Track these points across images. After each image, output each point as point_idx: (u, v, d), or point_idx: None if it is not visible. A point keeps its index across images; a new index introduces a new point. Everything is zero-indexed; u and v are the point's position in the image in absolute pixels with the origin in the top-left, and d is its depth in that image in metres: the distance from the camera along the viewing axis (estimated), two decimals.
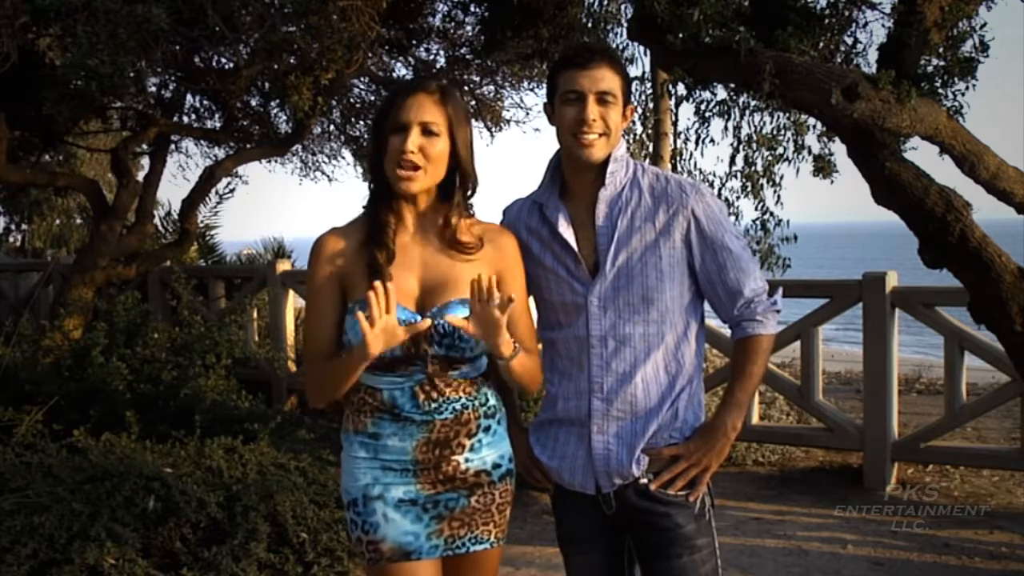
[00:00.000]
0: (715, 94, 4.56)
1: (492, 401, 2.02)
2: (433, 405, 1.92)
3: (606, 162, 1.99)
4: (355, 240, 1.96)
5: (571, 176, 2.05)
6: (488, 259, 1.98)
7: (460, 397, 1.94)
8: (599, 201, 2.00)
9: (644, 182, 2.02)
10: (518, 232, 2.08)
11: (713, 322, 2.23)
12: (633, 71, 5.60)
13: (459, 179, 1.97)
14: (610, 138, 1.97)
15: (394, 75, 7.23)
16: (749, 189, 5.34)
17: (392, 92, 1.98)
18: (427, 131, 1.90)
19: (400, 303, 1.88)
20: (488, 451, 1.99)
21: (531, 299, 2.16)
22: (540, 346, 2.13)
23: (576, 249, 2.00)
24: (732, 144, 5.23)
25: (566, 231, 2.01)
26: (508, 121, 7.69)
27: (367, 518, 1.95)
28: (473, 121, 2.26)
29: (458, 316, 1.87)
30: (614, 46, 5.18)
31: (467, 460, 1.96)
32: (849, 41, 4.03)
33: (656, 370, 1.99)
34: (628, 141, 6.30)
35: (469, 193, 2.00)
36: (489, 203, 2.07)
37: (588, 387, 2.00)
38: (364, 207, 2.01)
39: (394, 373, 1.91)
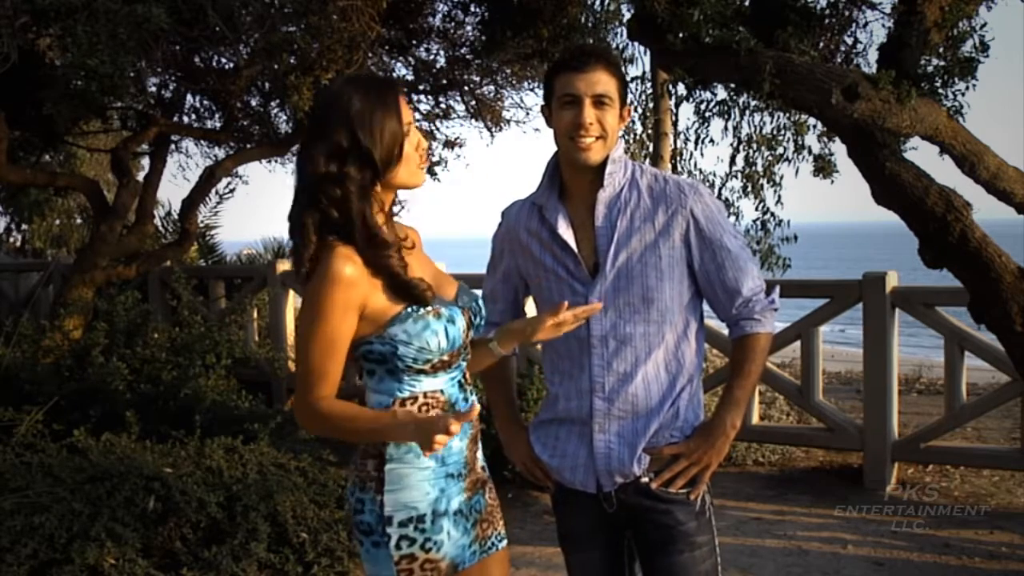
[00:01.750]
0: (715, 94, 4.56)
1: None
2: (472, 395, 1.92)
3: (605, 163, 1.99)
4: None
5: (569, 177, 2.05)
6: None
7: (470, 384, 1.96)
8: (598, 202, 2.00)
9: (643, 183, 2.02)
10: (518, 233, 2.09)
11: (713, 322, 2.23)
12: (633, 71, 5.61)
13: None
14: (607, 141, 1.97)
15: (394, 75, 7.23)
16: (749, 189, 5.33)
17: (377, 93, 1.80)
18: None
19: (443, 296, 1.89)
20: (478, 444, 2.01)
21: (532, 299, 2.17)
22: (540, 346, 2.14)
23: (576, 250, 2.01)
24: (732, 144, 5.23)
25: (565, 232, 2.01)
26: (508, 121, 7.70)
27: (432, 535, 1.84)
28: (473, 121, 2.25)
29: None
30: (614, 46, 5.18)
31: (480, 456, 1.97)
32: (849, 41, 4.04)
33: (657, 369, 2.00)
34: (628, 141, 6.29)
35: None
36: (489, 203, 2.08)
37: (589, 387, 2.01)
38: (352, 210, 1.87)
39: (451, 368, 1.87)
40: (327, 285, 1.74)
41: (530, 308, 2.20)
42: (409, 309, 1.80)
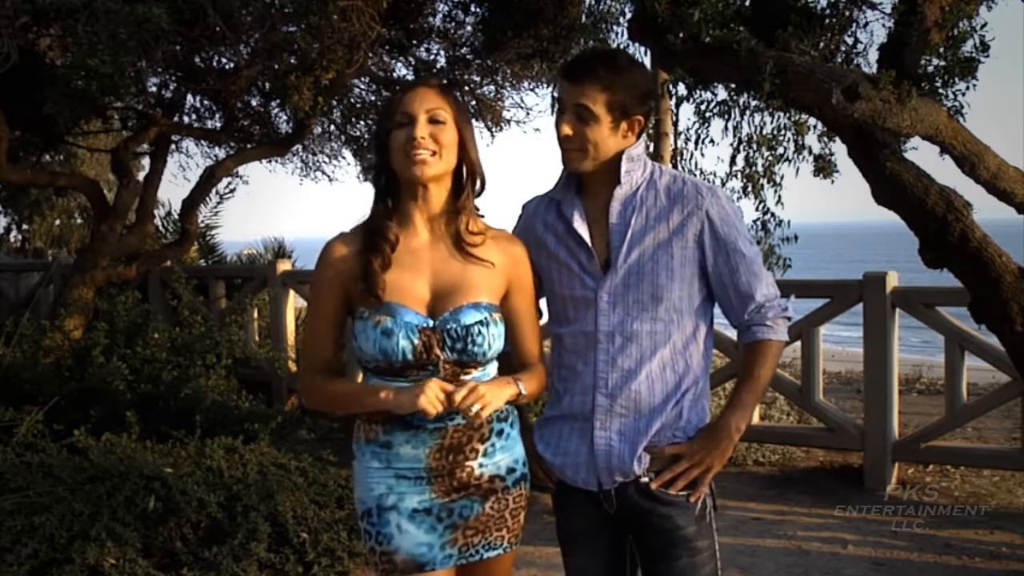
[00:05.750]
0: (715, 94, 4.57)
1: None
2: (453, 418, 1.89)
3: (621, 161, 2.00)
4: (359, 245, 1.92)
5: (587, 174, 2.05)
6: (500, 266, 1.96)
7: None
8: (614, 199, 2.01)
9: (661, 182, 2.03)
10: (535, 226, 2.10)
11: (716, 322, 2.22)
12: None
13: (467, 174, 1.93)
14: (590, 153, 1.97)
15: (394, 75, 7.22)
16: (749, 189, 5.34)
17: (392, 92, 1.99)
18: (434, 119, 1.87)
19: (411, 307, 1.87)
20: (502, 455, 1.97)
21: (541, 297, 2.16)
22: (548, 344, 2.13)
23: (590, 244, 2.01)
24: (732, 144, 5.23)
25: (581, 227, 2.02)
26: (508, 121, 7.68)
27: (381, 529, 1.91)
28: (473, 121, 2.23)
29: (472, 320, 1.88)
30: (614, 46, 5.18)
31: (481, 465, 1.93)
32: (849, 41, 4.03)
33: (662, 368, 1.99)
34: None
35: (478, 191, 1.97)
36: (489, 203, 2.07)
37: (593, 382, 2.00)
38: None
39: (405, 378, 1.88)
40: (318, 261, 1.95)
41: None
42: (362, 307, 1.88)
